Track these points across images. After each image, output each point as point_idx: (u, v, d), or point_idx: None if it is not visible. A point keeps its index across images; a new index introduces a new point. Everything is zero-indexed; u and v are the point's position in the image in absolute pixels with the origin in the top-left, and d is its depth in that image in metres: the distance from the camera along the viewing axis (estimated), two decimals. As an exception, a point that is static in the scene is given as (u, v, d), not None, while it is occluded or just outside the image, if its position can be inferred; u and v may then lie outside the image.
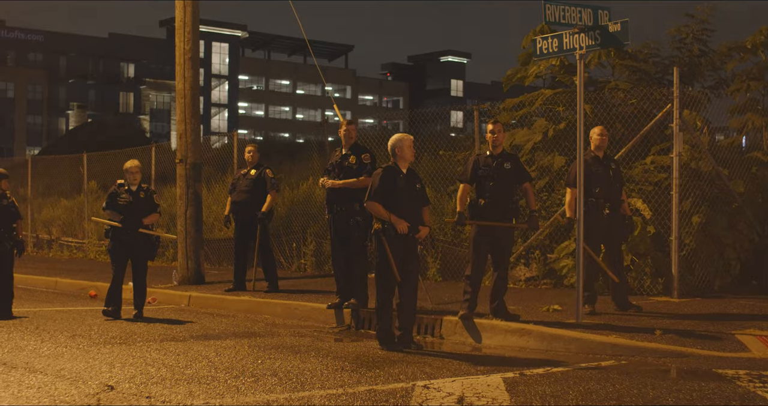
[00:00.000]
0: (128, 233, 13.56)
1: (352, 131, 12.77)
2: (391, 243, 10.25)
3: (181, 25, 17.69)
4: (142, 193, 13.80)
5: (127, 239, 13.59)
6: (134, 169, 13.80)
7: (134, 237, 13.60)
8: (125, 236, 13.58)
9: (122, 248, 13.64)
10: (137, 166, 13.87)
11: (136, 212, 13.63)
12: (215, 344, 10.73)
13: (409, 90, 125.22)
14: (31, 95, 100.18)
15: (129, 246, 13.64)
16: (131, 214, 13.58)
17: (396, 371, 8.83)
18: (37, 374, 8.61)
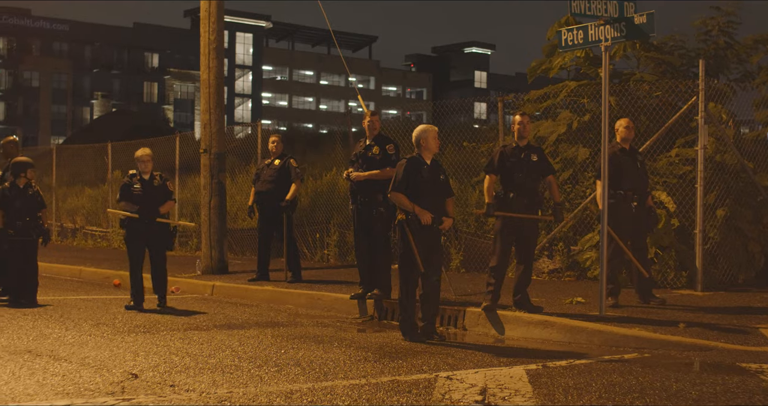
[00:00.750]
0: (145, 222, 13.41)
1: (376, 122, 12.77)
2: (414, 234, 10.25)
3: (206, 15, 17.73)
4: (156, 182, 13.62)
5: (143, 229, 13.44)
6: (145, 157, 13.59)
7: (151, 226, 13.47)
8: (142, 225, 13.42)
9: (139, 238, 13.53)
10: (148, 155, 13.67)
11: (152, 200, 13.46)
12: (238, 334, 10.76)
13: (432, 81, 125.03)
14: (56, 85, 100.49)
15: (146, 236, 13.51)
16: (146, 203, 13.41)
17: (419, 362, 8.85)
18: (61, 362, 8.66)
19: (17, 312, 12.65)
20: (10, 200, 13.67)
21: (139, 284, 13.45)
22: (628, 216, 12.10)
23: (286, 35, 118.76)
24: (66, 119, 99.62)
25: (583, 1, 11.10)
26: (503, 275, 11.46)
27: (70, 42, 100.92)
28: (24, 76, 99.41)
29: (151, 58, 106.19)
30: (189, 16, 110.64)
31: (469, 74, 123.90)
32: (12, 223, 13.64)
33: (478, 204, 16.99)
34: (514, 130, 11.66)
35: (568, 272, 15.71)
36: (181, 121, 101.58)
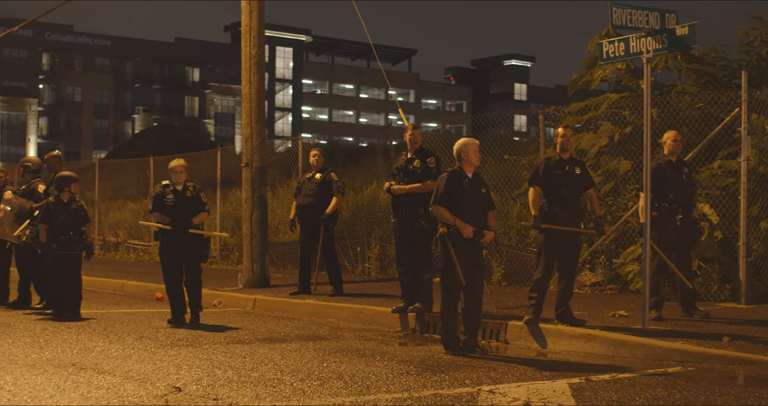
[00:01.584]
0: (178, 233, 13.17)
1: (417, 136, 12.77)
2: (456, 247, 10.24)
3: (247, 30, 17.82)
4: (189, 192, 13.37)
5: (177, 241, 13.20)
6: (179, 168, 13.32)
7: (184, 238, 13.21)
8: (175, 237, 13.18)
9: (173, 250, 13.27)
10: (182, 166, 13.37)
11: (184, 211, 13.22)
12: (281, 347, 10.78)
13: (472, 94, 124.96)
14: (98, 99, 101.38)
15: (180, 248, 13.24)
16: (179, 214, 13.18)
17: (461, 376, 8.83)
18: (105, 375, 8.71)
19: (61, 325, 12.73)
20: (54, 215, 13.76)
21: (178, 297, 13.32)
22: (672, 229, 12.03)
23: (326, 49, 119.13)
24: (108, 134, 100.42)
25: (624, 13, 11.07)
26: (546, 288, 11.42)
27: (111, 57, 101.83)
28: (66, 91, 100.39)
29: (191, 73, 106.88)
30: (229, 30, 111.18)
31: (509, 87, 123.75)
32: (56, 237, 13.73)
33: (520, 217, 16.95)
34: (556, 143, 11.62)
35: (610, 285, 15.63)
36: (221, 135, 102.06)
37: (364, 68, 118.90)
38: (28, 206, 14.94)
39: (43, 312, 14.35)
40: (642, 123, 12.21)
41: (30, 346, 10.66)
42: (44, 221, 13.80)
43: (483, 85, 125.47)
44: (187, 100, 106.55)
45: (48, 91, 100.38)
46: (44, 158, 15.75)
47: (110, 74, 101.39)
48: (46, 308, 14.59)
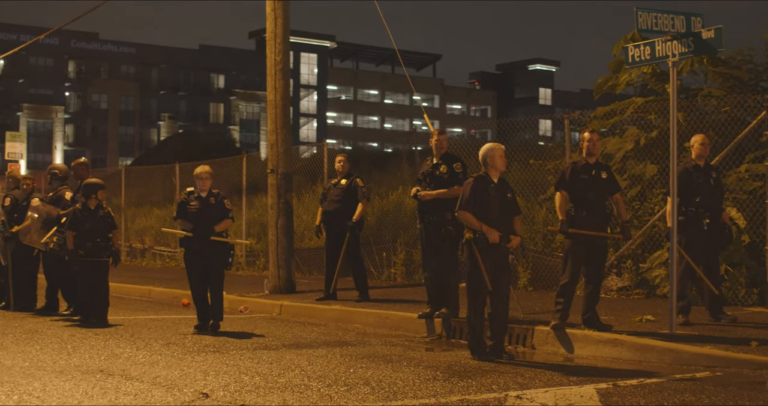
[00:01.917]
0: (200, 241, 13.05)
1: (443, 141, 12.77)
2: (482, 253, 10.23)
3: (272, 36, 17.86)
4: (213, 199, 13.19)
5: (198, 248, 13.08)
6: (204, 174, 13.22)
7: (206, 245, 13.05)
8: (197, 244, 13.07)
9: (195, 257, 13.16)
10: (207, 172, 13.27)
11: (207, 219, 13.07)
12: (307, 353, 10.79)
13: (497, 99, 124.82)
14: (124, 106, 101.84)
15: (202, 255, 13.10)
16: (202, 221, 13.04)
17: (488, 381, 8.82)
18: (133, 381, 8.74)
19: (88, 332, 12.78)
20: (81, 222, 13.81)
21: (203, 304, 13.24)
22: (699, 234, 11.98)
23: (351, 55, 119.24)
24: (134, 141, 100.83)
25: (649, 17, 11.04)
26: (573, 293, 11.39)
27: (137, 64, 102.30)
28: (92, 98, 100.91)
29: (216, 80, 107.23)
30: (254, 37, 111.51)
31: (533, 91, 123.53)
32: (83, 244, 13.78)
33: (546, 222, 16.92)
34: (582, 147, 11.59)
35: (636, 289, 15.58)
36: (246, 141, 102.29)
37: (388, 74, 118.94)
38: (56, 213, 15.00)
39: (71, 318, 14.41)
40: (668, 127, 12.18)
41: (58, 352, 10.71)
42: (71, 227, 13.86)
43: (508, 89, 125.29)
44: (212, 107, 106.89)
45: (74, 98, 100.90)
46: (71, 165, 15.81)
47: (136, 81, 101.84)
48: (74, 314, 14.66)
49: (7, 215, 16.08)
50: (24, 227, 15.39)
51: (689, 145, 12.55)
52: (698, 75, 17.28)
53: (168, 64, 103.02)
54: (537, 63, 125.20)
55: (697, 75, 17.28)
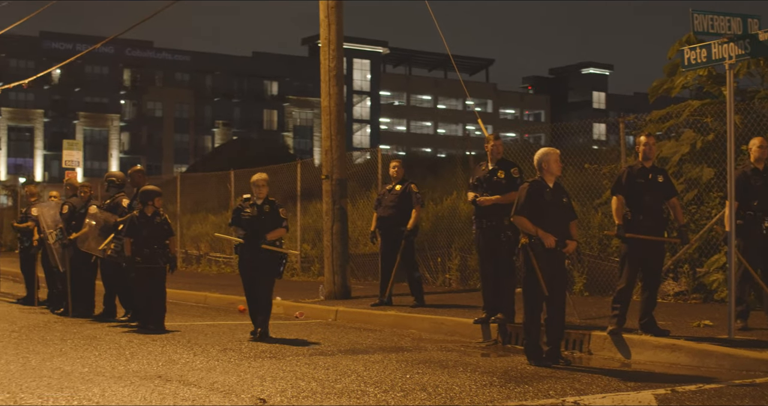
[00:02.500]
0: (251, 248, 12.97)
1: (499, 146, 12.75)
2: (538, 257, 10.20)
3: (326, 43, 17.93)
4: (267, 207, 13.08)
5: (249, 255, 13.02)
6: (261, 182, 13.15)
7: (257, 253, 12.95)
8: (248, 251, 13.02)
9: (246, 265, 13.07)
10: (264, 179, 13.20)
11: (260, 226, 12.96)
12: (363, 359, 10.81)
13: (550, 103, 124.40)
14: (178, 114, 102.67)
15: (252, 262, 13.00)
16: (254, 229, 12.95)
17: (545, 387, 8.78)
18: (191, 387, 8.80)
19: (146, 338, 12.88)
20: (138, 228, 13.91)
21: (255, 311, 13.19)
22: (757, 237, 11.84)
23: (403, 60, 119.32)
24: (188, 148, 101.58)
25: (705, 19, 10.95)
26: (629, 298, 11.31)
27: (191, 72, 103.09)
28: (147, 106, 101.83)
29: (270, 86, 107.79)
30: (307, 43, 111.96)
31: (587, 95, 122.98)
32: (140, 250, 13.88)
33: (602, 226, 16.82)
34: (638, 151, 11.51)
35: (694, 294, 15.44)
36: (300, 147, 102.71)
37: (441, 79, 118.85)
38: (113, 220, 15.14)
39: (128, 324, 14.55)
40: (725, 130, 12.08)
41: (116, 358, 10.80)
42: (129, 234, 13.97)
43: (561, 93, 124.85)
44: (266, 114, 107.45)
45: (129, 106, 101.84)
46: (128, 173, 15.95)
47: (190, 89, 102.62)
48: (131, 320, 14.79)
49: (65, 222, 16.27)
50: (82, 234, 15.55)
51: (747, 148, 12.42)
52: (755, 77, 17.11)
53: (222, 72, 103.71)
54: (590, 67, 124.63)
55: (753, 77, 17.11)
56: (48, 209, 16.99)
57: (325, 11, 17.97)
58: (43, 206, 17.34)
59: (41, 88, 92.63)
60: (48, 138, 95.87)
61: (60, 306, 16.73)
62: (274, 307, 13.72)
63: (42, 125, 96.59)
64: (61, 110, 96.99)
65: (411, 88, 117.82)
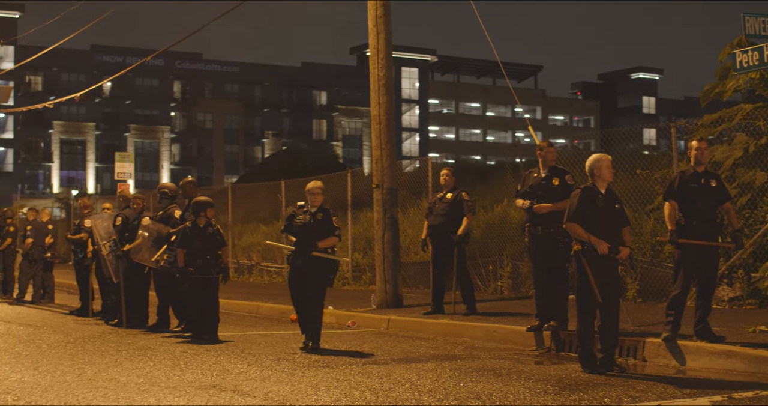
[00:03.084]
0: (301, 256, 12.85)
1: (552, 153, 12.71)
2: (591, 264, 10.15)
3: (375, 52, 17.96)
4: (321, 215, 12.94)
5: (299, 263, 12.87)
6: (316, 189, 13.02)
7: (307, 261, 12.81)
8: (298, 259, 12.88)
9: (296, 273, 12.93)
10: (319, 187, 13.07)
11: (312, 234, 12.84)
12: (416, 367, 10.80)
13: (599, 108, 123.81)
14: (228, 125, 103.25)
15: (302, 271, 12.85)
16: (306, 236, 12.84)
17: (600, 394, 8.74)
18: (245, 397, 8.83)
19: (200, 348, 12.94)
20: (190, 239, 13.99)
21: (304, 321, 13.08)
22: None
23: (451, 68, 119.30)
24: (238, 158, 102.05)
25: (757, 22, 10.91)
26: (684, 304, 11.22)
27: (240, 83, 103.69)
28: (197, 117, 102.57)
29: (319, 96, 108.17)
30: (355, 53, 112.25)
31: (636, 100, 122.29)
32: (193, 261, 13.95)
33: (654, 232, 16.71)
34: (690, 156, 11.43)
35: (749, 299, 15.29)
36: (349, 157, 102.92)
37: (489, 86, 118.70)
38: (166, 231, 15.24)
39: (182, 335, 14.61)
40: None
41: (171, 368, 10.86)
42: (182, 245, 14.05)
43: (610, 99, 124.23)
44: (315, 123, 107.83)
45: (180, 118, 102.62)
46: (179, 184, 16.04)
47: (239, 100, 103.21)
48: (185, 330, 14.85)
49: (118, 234, 16.40)
50: (135, 246, 15.67)
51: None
52: (807, 79, 16.93)
53: (271, 82, 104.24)
54: (639, 71, 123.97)
55: (805, 79, 16.93)
56: (101, 221, 17.14)
57: (374, 21, 18.02)
58: (97, 218, 17.50)
59: (92, 102, 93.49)
60: (100, 151, 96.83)
61: (114, 317, 16.86)
62: (326, 316, 13.75)
63: (94, 138, 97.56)
64: (112, 123, 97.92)
65: (459, 95, 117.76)
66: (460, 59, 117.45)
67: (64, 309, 20.53)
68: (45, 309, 20.98)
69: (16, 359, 11.71)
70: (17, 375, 10.29)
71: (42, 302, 22.54)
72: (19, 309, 20.86)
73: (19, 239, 24.30)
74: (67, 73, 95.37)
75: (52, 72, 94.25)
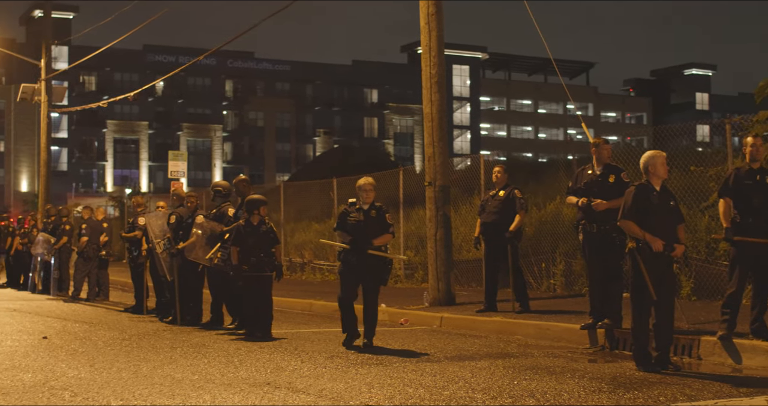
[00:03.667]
0: (357, 254, 12.76)
1: (607, 150, 12.63)
2: (646, 262, 10.09)
3: (427, 50, 17.95)
4: (374, 212, 12.85)
5: (355, 261, 12.77)
6: (368, 186, 12.90)
7: (363, 259, 12.72)
8: (353, 257, 12.77)
9: (351, 271, 12.81)
10: (371, 184, 12.94)
11: (367, 231, 12.75)
12: (470, 365, 10.79)
13: (652, 105, 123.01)
14: (279, 123, 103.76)
15: (358, 268, 12.77)
16: (361, 234, 12.74)
17: (655, 393, 8.68)
18: (299, 394, 8.86)
19: (254, 345, 13.00)
20: (244, 237, 14.04)
21: (351, 320, 12.87)
22: None
23: (503, 65, 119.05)
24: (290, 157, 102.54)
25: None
26: (739, 302, 11.12)
27: (292, 81, 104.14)
28: (249, 116, 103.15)
29: (370, 94, 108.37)
30: (406, 51, 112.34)
31: (690, 96, 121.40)
32: (246, 259, 14.01)
33: (709, 229, 16.57)
34: (746, 153, 11.31)
35: (806, 297, 15.10)
36: (401, 154, 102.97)
37: (541, 83, 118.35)
38: (219, 229, 15.31)
39: (236, 332, 14.69)
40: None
41: (225, 365, 10.92)
42: (235, 243, 14.12)
43: (663, 95, 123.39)
44: (367, 121, 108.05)
45: (231, 117, 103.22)
46: (233, 182, 16.11)
47: (291, 98, 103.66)
48: (239, 328, 14.92)
49: (172, 232, 16.52)
50: (189, 244, 15.76)
51: None
52: None
53: (322, 81, 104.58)
54: (692, 67, 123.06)
55: None
56: (155, 219, 17.27)
57: (426, 18, 18.01)
58: (151, 216, 17.62)
59: (145, 101, 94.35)
60: (152, 149, 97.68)
61: (168, 314, 16.98)
62: (379, 314, 13.68)
63: (147, 137, 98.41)
64: (165, 122, 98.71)
65: (511, 93, 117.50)
66: (511, 56, 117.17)
67: (118, 306, 20.71)
68: (100, 307, 21.18)
69: (72, 356, 11.83)
70: (74, 372, 10.40)
71: (97, 300, 22.77)
72: (75, 307, 21.06)
73: (74, 238, 24.56)
74: (120, 72, 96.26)
75: (106, 72, 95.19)
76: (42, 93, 36.47)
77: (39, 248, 25.07)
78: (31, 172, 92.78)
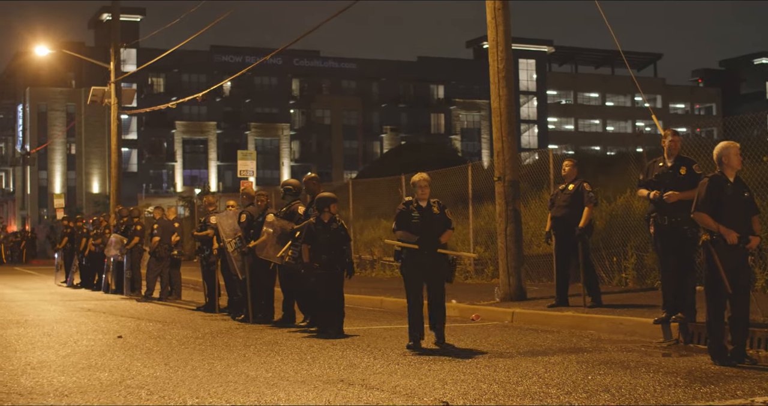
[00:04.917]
0: (426, 253, 12.40)
1: (677, 142, 12.49)
2: (720, 254, 9.98)
3: (494, 44, 17.89)
4: (435, 209, 12.55)
5: (422, 261, 12.39)
6: (423, 182, 12.53)
7: (431, 258, 12.41)
8: (421, 257, 12.38)
9: (418, 271, 12.47)
10: (426, 180, 12.57)
11: (432, 230, 12.47)
12: (543, 360, 10.74)
13: (721, 95, 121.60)
14: (346, 121, 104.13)
15: (426, 268, 12.44)
16: (427, 232, 12.42)
17: (732, 387, 8.59)
18: (373, 391, 8.88)
19: (326, 342, 13.04)
20: (315, 235, 14.10)
21: (419, 320, 12.49)
22: None
23: (569, 59, 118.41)
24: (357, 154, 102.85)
25: None
26: (816, 294, 10.98)
27: (357, 79, 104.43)
28: (316, 114, 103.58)
29: (436, 90, 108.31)
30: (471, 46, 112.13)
31: (760, 86, 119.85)
32: (317, 257, 14.07)
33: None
34: (820, 143, 11.17)
35: None
36: (468, 150, 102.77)
37: (608, 76, 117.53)
38: (290, 227, 15.37)
39: (308, 330, 14.75)
40: None
41: (298, 363, 10.97)
42: (306, 241, 14.16)
43: (733, 85, 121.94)
44: (433, 117, 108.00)
45: (298, 115, 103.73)
46: (302, 180, 16.18)
47: (357, 96, 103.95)
48: (311, 325, 14.98)
49: (243, 230, 16.63)
50: (260, 242, 15.85)
51: None
52: None
53: (388, 78, 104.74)
54: (763, 56, 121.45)
55: None
56: (226, 218, 17.38)
57: (492, 13, 17.95)
58: (222, 215, 17.73)
59: (213, 101, 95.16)
60: (221, 149, 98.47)
61: (240, 313, 17.09)
62: (449, 310, 13.65)
63: (215, 137, 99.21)
64: (232, 121, 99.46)
65: (578, 86, 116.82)
66: (577, 49, 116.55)
67: (191, 305, 20.90)
68: (172, 306, 21.38)
69: (147, 355, 11.95)
70: (149, 370, 10.51)
71: (169, 299, 23.00)
72: (148, 306, 21.28)
73: (146, 238, 24.82)
74: (188, 73, 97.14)
75: (174, 73, 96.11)
76: (111, 95, 36.81)
77: (112, 250, 25.36)
78: (102, 173, 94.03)
